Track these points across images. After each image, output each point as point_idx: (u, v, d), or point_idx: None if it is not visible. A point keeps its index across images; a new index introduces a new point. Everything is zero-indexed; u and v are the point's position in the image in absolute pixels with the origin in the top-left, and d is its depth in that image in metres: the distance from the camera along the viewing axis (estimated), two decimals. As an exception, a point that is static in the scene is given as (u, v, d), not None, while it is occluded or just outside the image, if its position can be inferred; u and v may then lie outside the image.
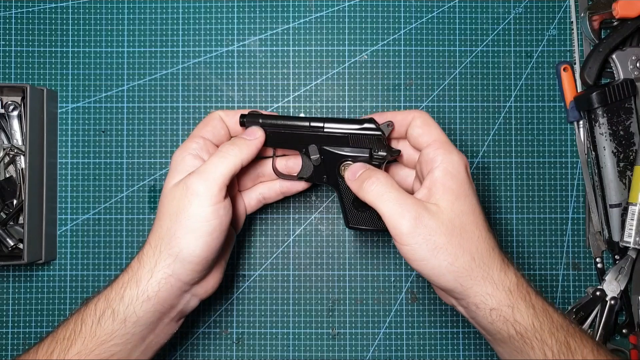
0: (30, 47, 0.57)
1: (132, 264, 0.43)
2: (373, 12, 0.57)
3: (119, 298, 0.41)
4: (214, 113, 0.47)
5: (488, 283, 0.39)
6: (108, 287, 0.43)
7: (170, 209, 0.42)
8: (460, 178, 0.41)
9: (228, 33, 0.57)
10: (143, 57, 0.57)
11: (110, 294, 0.42)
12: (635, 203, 0.51)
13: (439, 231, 0.39)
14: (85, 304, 0.43)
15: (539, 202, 0.57)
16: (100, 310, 0.41)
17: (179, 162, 0.44)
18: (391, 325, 0.56)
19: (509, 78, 0.57)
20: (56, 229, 0.56)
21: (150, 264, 0.42)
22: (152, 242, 0.42)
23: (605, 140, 0.53)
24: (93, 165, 0.57)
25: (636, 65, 0.54)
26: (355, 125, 0.46)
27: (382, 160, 0.45)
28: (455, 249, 0.39)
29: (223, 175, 0.42)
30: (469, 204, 0.40)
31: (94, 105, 0.57)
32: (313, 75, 0.57)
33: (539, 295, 0.41)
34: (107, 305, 0.41)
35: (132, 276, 0.42)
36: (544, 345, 0.38)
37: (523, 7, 0.57)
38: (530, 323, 0.38)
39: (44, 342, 0.42)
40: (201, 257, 0.42)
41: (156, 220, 0.43)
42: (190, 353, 0.56)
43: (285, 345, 0.56)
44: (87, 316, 0.41)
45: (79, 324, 0.41)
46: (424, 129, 0.44)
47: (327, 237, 0.57)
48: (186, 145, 0.45)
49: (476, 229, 0.40)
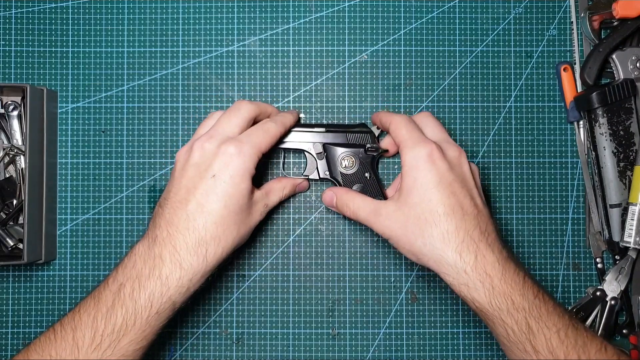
0: (30, 47, 0.57)
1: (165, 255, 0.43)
2: (373, 12, 0.57)
3: (175, 289, 0.43)
4: (243, 104, 0.49)
5: (443, 264, 0.43)
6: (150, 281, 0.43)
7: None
8: (420, 170, 0.45)
9: (228, 33, 0.57)
10: (143, 57, 0.57)
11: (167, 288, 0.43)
12: (636, 203, 0.51)
13: (394, 223, 0.45)
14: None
15: (539, 202, 0.57)
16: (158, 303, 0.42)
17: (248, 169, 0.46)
18: (391, 325, 0.56)
19: (509, 78, 0.57)
20: (56, 229, 0.56)
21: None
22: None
23: (605, 140, 0.53)
24: (93, 165, 0.57)
25: (636, 65, 0.54)
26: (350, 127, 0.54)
27: (375, 153, 0.52)
28: (408, 237, 0.45)
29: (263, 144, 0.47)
30: (423, 193, 0.44)
31: (94, 105, 0.57)
32: (313, 75, 0.57)
33: (506, 280, 0.42)
34: (167, 298, 0.43)
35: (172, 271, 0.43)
36: (504, 325, 0.41)
37: (523, 7, 0.57)
38: (488, 302, 0.42)
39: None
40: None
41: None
42: (190, 353, 0.56)
43: (285, 345, 0.56)
44: (140, 309, 0.42)
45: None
46: (395, 133, 0.48)
47: (327, 237, 0.56)
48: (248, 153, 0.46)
49: (430, 216, 0.44)
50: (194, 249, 0.43)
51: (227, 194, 0.44)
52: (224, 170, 0.44)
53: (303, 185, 0.55)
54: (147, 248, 0.43)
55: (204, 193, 0.44)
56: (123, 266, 0.43)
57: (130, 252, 0.44)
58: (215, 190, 0.44)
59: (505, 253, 0.44)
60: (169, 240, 0.43)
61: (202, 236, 0.43)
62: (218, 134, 0.46)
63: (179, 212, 0.44)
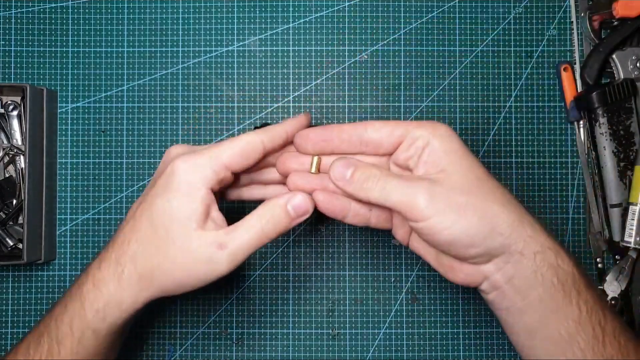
0: (30, 47, 0.57)
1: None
2: (373, 12, 0.57)
3: (99, 319, 0.37)
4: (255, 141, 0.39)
5: (527, 225, 0.36)
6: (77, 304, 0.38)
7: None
8: (456, 140, 0.38)
9: (228, 33, 0.57)
10: (143, 57, 0.57)
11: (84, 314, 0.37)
12: (636, 203, 0.51)
13: (457, 192, 0.35)
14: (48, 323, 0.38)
15: (539, 202, 0.57)
16: (78, 330, 0.37)
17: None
18: (391, 325, 0.56)
19: (509, 78, 0.57)
20: (56, 229, 0.56)
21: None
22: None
23: (605, 140, 0.53)
24: (93, 165, 0.57)
25: (636, 65, 0.54)
26: None
27: None
28: (481, 202, 0.36)
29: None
30: (473, 160, 0.38)
31: (94, 105, 0.57)
32: (313, 75, 0.57)
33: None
34: (85, 325, 0.37)
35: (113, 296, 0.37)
36: (579, 299, 0.36)
37: (523, 7, 0.57)
38: (571, 271, 0.36)
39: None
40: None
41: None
42: (190, 353, 0.56)
43: (285, 345, 0.56)
44: (62, 337, 0.37)
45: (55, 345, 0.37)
46: (382, 130, 0.39)
47: (327, 237, 0.56)
48: None
49: (492, 179, 0.37)
50: (113, 267, 0.37)
51: (155, 208, 0.36)
52: (161, 182, 0.37)
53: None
54: (93, 261, 0.39)
55: (139, 206, 0.38)
56: (74, 282, 0.39)
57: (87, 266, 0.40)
58: (146, 201, 0.37)
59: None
60: (103, 253, 0.38)
61: (122, 253, 0.37)
62: (190, 148, 0.40)
63: (122, 224, 0.39)
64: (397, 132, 0.38)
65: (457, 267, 0.39)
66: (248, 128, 0.57)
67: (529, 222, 0.37)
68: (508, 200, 0.37)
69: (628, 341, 0.36)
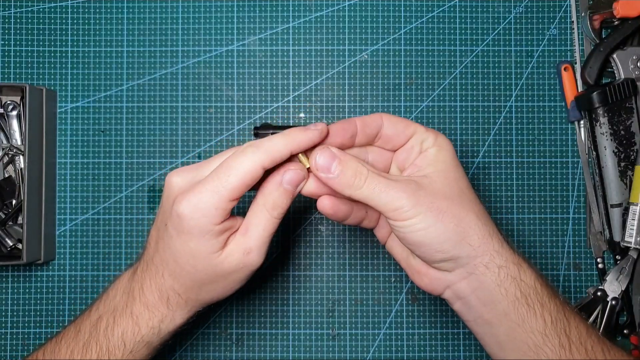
0: (30, 47, 0.57)
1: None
2: (373, 12, 0.57)
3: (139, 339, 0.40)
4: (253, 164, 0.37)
5: (495, 240, 0.38)
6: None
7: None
8: (452, 153, 0.40)
9: (228, 33, 0.57)
10: (143, 57, 0.57)
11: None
12: (636, 203, 0.51)
13: (440, 197, 0.37)
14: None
15: (540, 202, 0.57)
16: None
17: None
18: (391, 325, 0.56)
19: (509, 78, 0.57)
20: (55, 229, 0.56)
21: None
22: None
23: (606, 140, 0.53)
24: (92, 165, 0.56)
25: (637, 65, 0.54)
26: None
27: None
28: (459, 210, 0.37)
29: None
30: (461, 173, 0.40)
31: (94, 105, 0.57)
32: (313, 75, 0.57)
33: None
34: (139, 339, 0.40)
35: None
36: (543, 310, 0.37)
37: (523, 7, 0.57)
38: (533, 284, 0.38)
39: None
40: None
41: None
42: (190, 353, 0.55)
43: (285, 345, 0.56)
44: (113, 347, 0.39)
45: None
46: (398, 125, 0.40)
47: (327, 237, 0.56)
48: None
49: (473, 192, 0.39)
50: (157, 294, 0.39)
51: (175, 249, 0.38)
52: (172, 225, 0.38)
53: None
54: (128, 280, 0.41)
55: (161, 241, 0.39)
56: (106, 295, 0.41)
57: (116, 280, 0.42)
58: (163, 240, 0.39)
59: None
60: (141, 277, 0.40)
61: (161, 284, 0.39)
62: (190, 172, 0.39)
63: (148, 250, 0.41)
64: (408, 131, 0.40)
65: (424, 272, 0.41)
66: (248, 128, 0.57)
67: (498, 238, 0.39)
68: (483, 214, 0.39)
69: (595, 344, 0.38)
